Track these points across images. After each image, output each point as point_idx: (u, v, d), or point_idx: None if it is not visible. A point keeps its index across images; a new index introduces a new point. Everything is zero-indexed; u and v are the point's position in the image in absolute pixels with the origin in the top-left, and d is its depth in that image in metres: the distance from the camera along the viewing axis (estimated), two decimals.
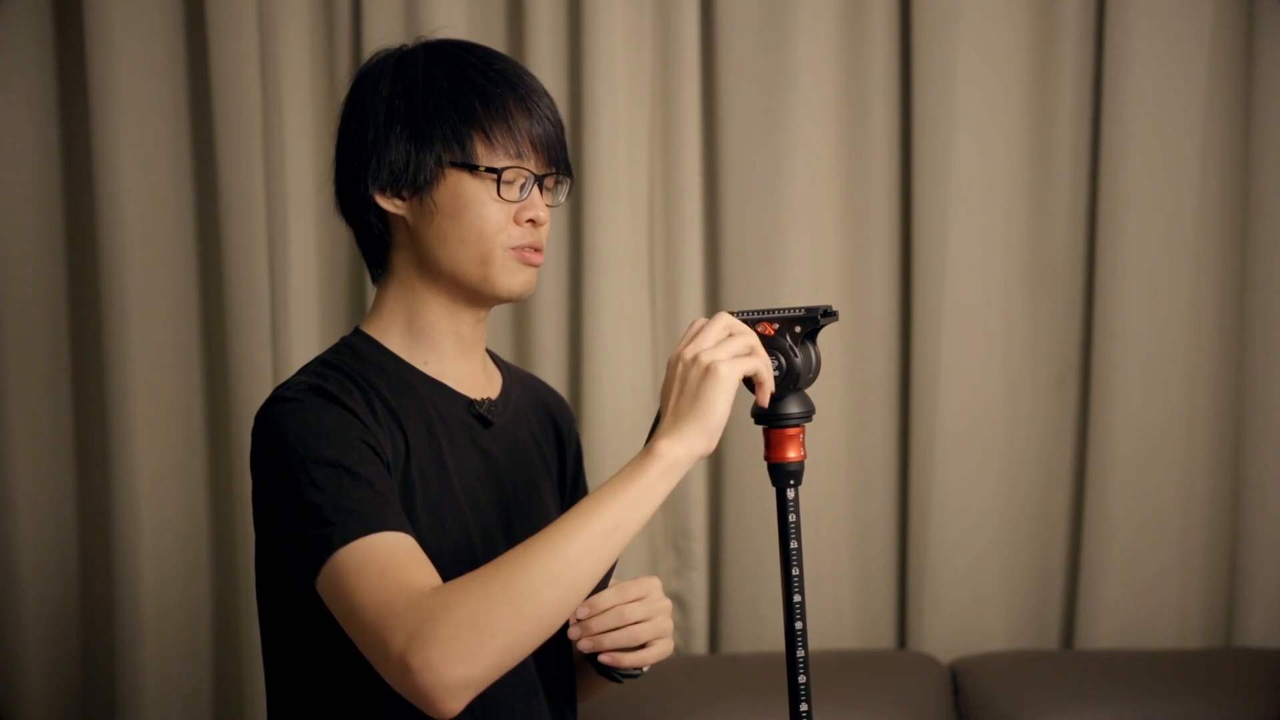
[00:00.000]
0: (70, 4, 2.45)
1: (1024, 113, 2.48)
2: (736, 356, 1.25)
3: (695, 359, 1.25)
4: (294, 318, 2.43)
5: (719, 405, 1.24)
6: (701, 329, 1.27)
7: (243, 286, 2.42)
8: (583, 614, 1.38)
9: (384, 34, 2.40)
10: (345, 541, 1.24)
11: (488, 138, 1.37)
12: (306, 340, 2.44)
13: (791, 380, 1.30)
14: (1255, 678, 2.32)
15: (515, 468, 1.46)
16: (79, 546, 2.52)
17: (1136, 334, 2.45)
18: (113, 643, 2.46)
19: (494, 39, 2.47)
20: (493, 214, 1.38)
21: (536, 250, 1.41)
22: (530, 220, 1.40)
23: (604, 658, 1.40)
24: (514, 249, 1.39)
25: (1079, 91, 2.48)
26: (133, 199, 2.41)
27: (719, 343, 1.26)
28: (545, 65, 2.44)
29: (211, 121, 2.43)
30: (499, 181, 1.37)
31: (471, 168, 1.37)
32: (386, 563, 1.23)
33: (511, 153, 1.38)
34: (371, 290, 2.40)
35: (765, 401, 1.28)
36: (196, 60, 2.46)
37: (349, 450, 1.30)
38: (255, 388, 2.40)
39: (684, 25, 2.44)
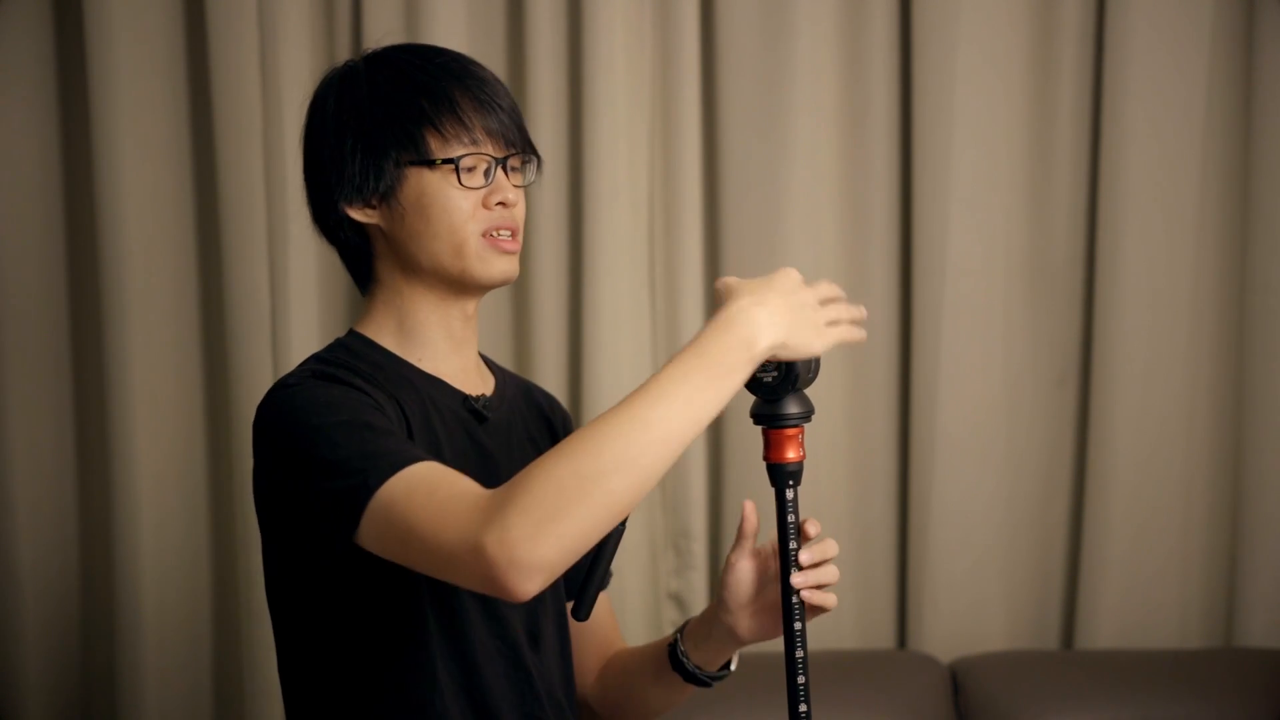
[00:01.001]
0: (70, 4, 2.45)
1: (1024, 112, 2.47)
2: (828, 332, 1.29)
3: (818, 305, 1.27)
4: (294, 318, 2.43)
5: (818, 347, 1.27)
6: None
7: (243, 286, 2.42)
8: (806, 560, 1.38)
9: (384, 34, 2.37)
10: (382, 480, 1.23)
11: (439, 131, 1.39)
12: (306, 340, 2.44)
13: (791, 381, 1.30)
14: (1255, 678, 2.32)
15: (511, 463, 1.46)
16: (79, 546, 2.52)
17: (1136, 334, 2.44)
18: (113, 642, 2.46)
19: (494, 39, 2.47)
20: (459, 204, 1.39)
21: (512, 235, 1.42)
22: (500, 203, 1.41)
23: (810, 598, 1.37)
24: (486, 236, 1.40)
25: (1079, 91, 2.47)
26: (133, 198, 2.41)
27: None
28: (545, 65, 2.44)
29: (211, 121, 2.43)
30: (458, 170, 1.39)
31: (428, 163, 1.39)
32: (433, 484, 1.22)
33: (466, 141, 1.39)
34: None
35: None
36: (196, 60, 2.46)
37: (363, 411, 1.30)
38: (255, 387, 2.40)
39: (684, 25, 2.44)
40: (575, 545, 1.17)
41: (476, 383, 1.49)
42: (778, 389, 1.30)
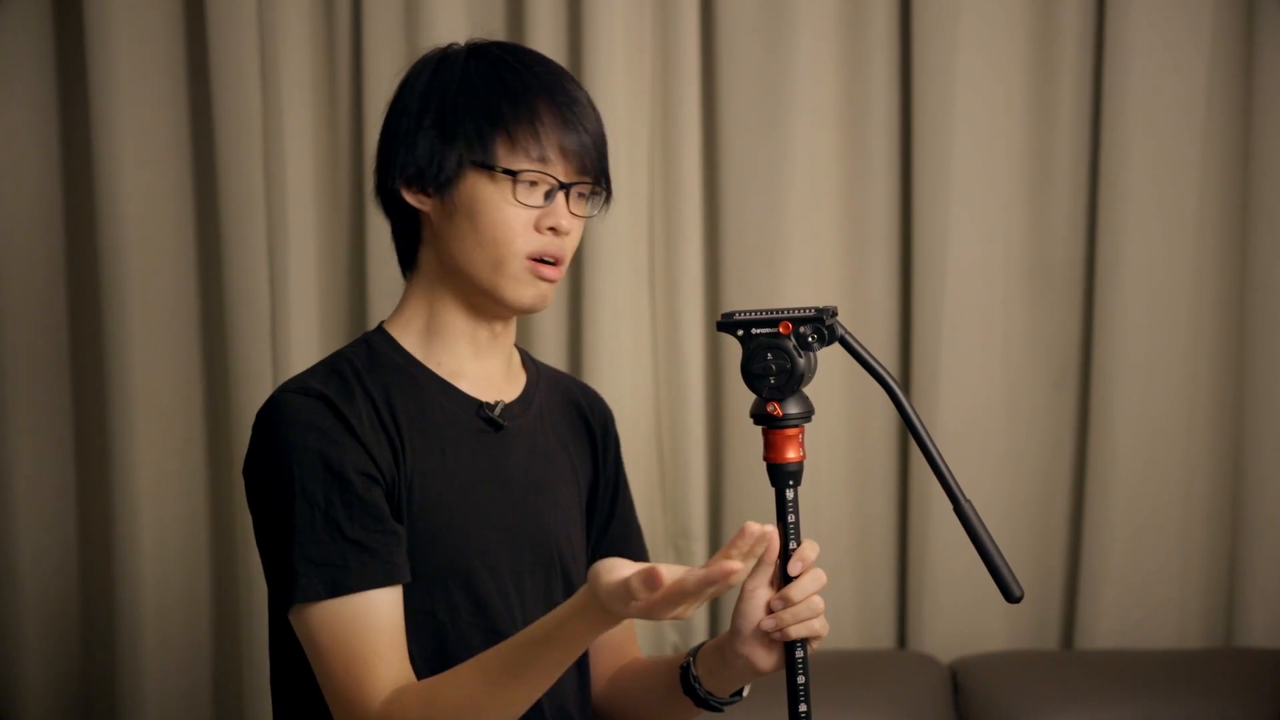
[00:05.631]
0: (70, 4, 2.45)
1: (1024, 113, 2.48)
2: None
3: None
4: (294, 318, 2.43)
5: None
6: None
7: (243, 286, 2.42)
8: (778, 606, 1.32)
9: (384, 34, 2.40)
10: (306, 600, 1.28)
11: (510, 139, 1.36)
12: (306, 340, 2.44)
13: (795, 381, 1.30)
14: (1255, 678, 2.32)
15: (528, 473, 1.44)
16: (79, 546, 2.52)
17: (1136, 334, 2.44)
18: (113, 642, 2.46)
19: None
20: (509, 217, 1.36)
21: (554, 263, 1.39)
22: (552, 229, 1.38)
23: (796, 633, 1.34)
24: (529, 259, 1.38)
25: (1079, 92, 2.47)
26: (133, 199, 2.41)
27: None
28: None
29: (211, 121, 2.43)
30: (515, 183, 1.36)
31: (489, 168, 1.36)
32: (351, 649, 1.27)
33: (534, 156, 1.36)
34: (372, 291, 2.43)
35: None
36: (196, 60, 2.46)
37: (332, 487, 1.30)
38: (255, 388, 2.40)
39: (684, 25, 2.44)
40: None
41: (500, 388, 1.46)
42: (781, 389, 1.30)
